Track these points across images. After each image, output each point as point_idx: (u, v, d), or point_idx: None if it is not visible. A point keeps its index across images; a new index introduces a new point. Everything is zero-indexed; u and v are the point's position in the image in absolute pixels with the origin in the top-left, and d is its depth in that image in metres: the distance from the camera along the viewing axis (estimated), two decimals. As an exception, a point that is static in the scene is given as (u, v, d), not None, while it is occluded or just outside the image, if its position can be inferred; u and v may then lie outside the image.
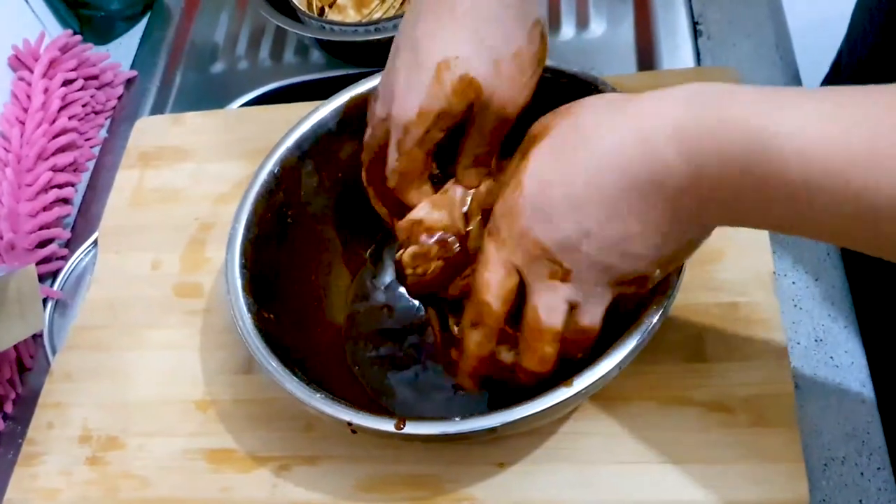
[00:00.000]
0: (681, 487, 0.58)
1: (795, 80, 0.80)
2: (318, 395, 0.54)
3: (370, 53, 0.89)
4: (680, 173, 0.44)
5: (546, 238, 0.48)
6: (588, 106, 0.49)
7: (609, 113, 0.47)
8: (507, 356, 0.55)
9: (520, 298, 0.52)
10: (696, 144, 0.43)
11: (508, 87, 0.55)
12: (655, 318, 0.52)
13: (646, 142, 0.45)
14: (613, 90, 0.61)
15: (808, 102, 0.41)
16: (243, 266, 0.61)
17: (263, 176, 0.65)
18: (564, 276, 0.49)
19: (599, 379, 0.51)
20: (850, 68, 0.85)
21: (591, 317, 0.51)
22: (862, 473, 0.59)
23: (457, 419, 0.52)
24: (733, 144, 0.42)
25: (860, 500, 0.58)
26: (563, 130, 0.49)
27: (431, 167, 0.59)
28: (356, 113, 0.67)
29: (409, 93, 0.56)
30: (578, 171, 0.47)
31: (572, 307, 0.51)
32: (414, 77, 0.55)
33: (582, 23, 0.91)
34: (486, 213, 0.56)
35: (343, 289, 0.72)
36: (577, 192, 0.47)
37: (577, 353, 0.53)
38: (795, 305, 0.66)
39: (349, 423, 0.53)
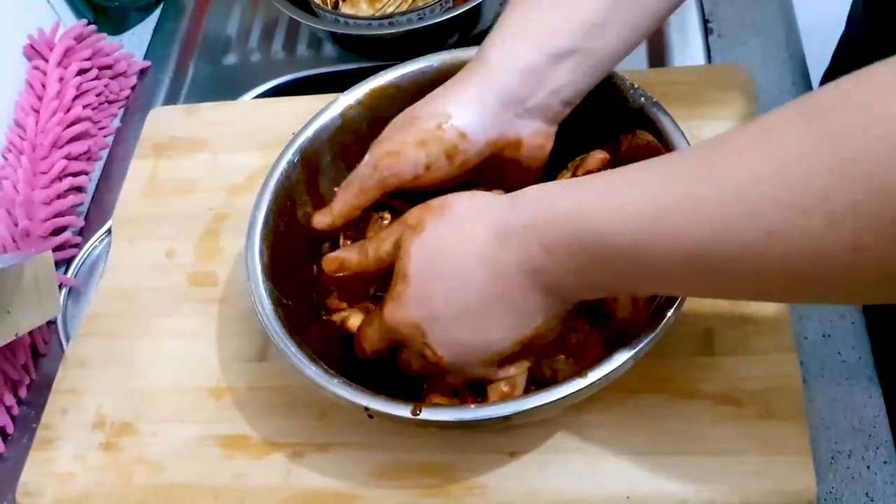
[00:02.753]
0: (689, 479, 0.59)
1: (804, 77, 0.81)
2: (336, 381, 0.55)
3: (383, 47, 0.90)
4: (539, 258, 0.49)
5: (426, 326, 0.53)
6: (454, 205, 0.54)
7: (472, 212, 0.53)
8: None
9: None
10: (548, 233, 0.49)
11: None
12: (670, 313, 0.53)
13: (508, 234, 0.50)
14: (632, 85, 0.62)
15: (637, 175, 0.47)
16: (263, 253, 0.62)
17: (283, 164, 0.66)
18: (436, 361, 0.54)
19: (614, 370, 0.52)
20: (850, 58, 0.85)
21: (453, 379, 0.57)
22: (868, 467, 0.60)
23: (472, 406, 0.53)
24: (575, 228, 0.47)
25: (867, 493, 0.59)
26: (436, 227, 0.54)
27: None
28: (376, 104, 0.68)
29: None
30: (453, 263, 0.52)
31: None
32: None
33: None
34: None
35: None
36: (454, 290, 0.52)
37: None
38: (804, 301, 0.67)
39: (366, 409, 0.54)
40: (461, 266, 0.52)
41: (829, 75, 0.90)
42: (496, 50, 0.60)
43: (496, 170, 0.63)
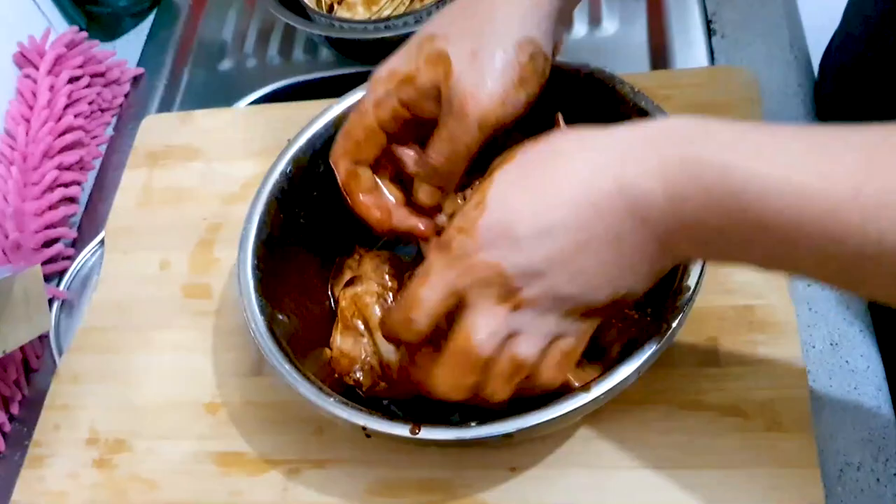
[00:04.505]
0: (694, 493, 0.58)
1: (810, 79, 0.79)
2: (332, 399, 0.54)
3: (380, 51, 0.88)
4: (662, 205, 0.43)
5: (508, 264, 0.46)
6: (559, 137, 0.48)
7: (582, 144, 0.46)
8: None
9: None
10: (678, 183, 0.42)
11: (476, 83, 0.53)
12: (675, 324, 0.52)
13: (623, 176, 0.44)
14: (632, 89, 0.61)
15: (791, 143, 0.41)
16: (256, 267, 0.61)
17: (276, 176, 0.65)
18: (518, 304, 0.47)
19: (618, 384, 0.51)
20: (842, 51, 0.84)
21: (530, 348, 0.49)
22: (878, 479, 0.59)
23: (472, 424, 0.52)
24: (715, 185, 0.41)
25: (876, 507, 0.58)
26: (534, 156, 0.47)
27: (381, 146, 0.58)
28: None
29: (391, 59, 0.57)
30: (548, 199, 0.45)
31: (510, 335, 0.48)
32: (402, 50, 0.57)
33: (594, 21, 0.90)
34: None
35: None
36: (547, 218, 0.45)
37: (498, 391, 0.50)
38: (810, 309, 0.66)
39: (364, 428, 0.53)
40: (553, 194, 0.45)
41: (828, 74, 0.89)
42: None
43: None
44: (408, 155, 0.59)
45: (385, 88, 0.56)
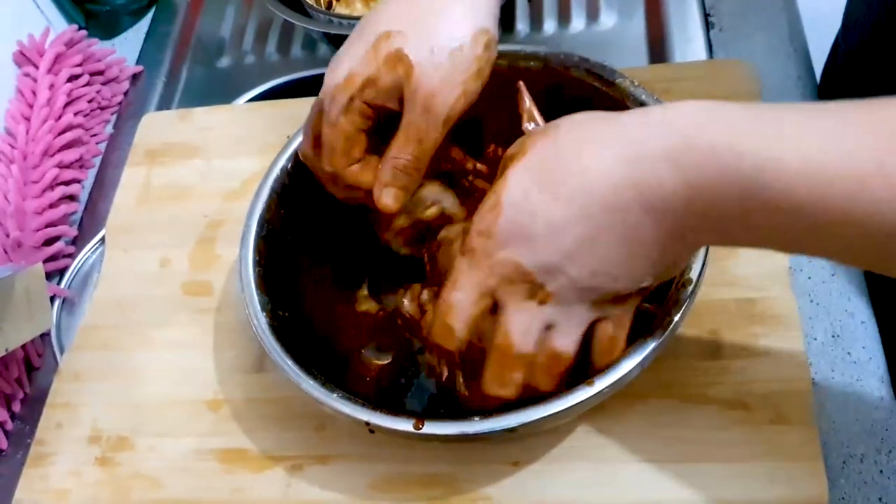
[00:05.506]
0: (697, 487, 0.58)
1: (809, 72, 0.79)
2: (336, 395, 0.54)
3: (378, 47, 0.88)
4: (675, 194, 0.43)
5: (527, 261, 0.47)
6: (567, 126, 0.48)
7: (590, 134, 0.46)
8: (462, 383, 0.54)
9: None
10: (692, 167, 0.42)
11: (439, 78, 0.54)
12: (677, 317, 0.51)
13: (635, 162, 0.43)
14: (632, 83, 0.61)
15: (808, 121, 0.40)
16: (257, 263, 0.61)
17: (276, 172, 0.65)
18: (544, 299, 0.47)
19: (621, 378, 0.50)
20: (847, 55, 0.84)
21: (566, 339, 0.49)
22: (881, 471, 0.59)
23: (476, 419, 0.52)
24: (730, 168, 0.41)
25: (880, 498, 0.58)
26: (543, 150, 0.47)
27: (365, 143, 0.58)
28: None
29: (345, 60, 0.56)
30: (560, 192, 0.45)
31: (547, 328, 0.49)
32: (354, 48, 0.56)
33: (592, 15, 0.90)
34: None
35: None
36: (559, 214, 0.45)
37: (545, 383, 0.51)
38: (812, 301, 0.66)
39: (367, 423, 0.52)
40: (571, 188, 0.45)
41: (830, 72, 0.89)
42: None
43: None
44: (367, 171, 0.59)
45: (348, 95, 0.55)
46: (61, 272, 0.83)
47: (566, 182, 0.45)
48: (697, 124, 0.42)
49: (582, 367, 0.52)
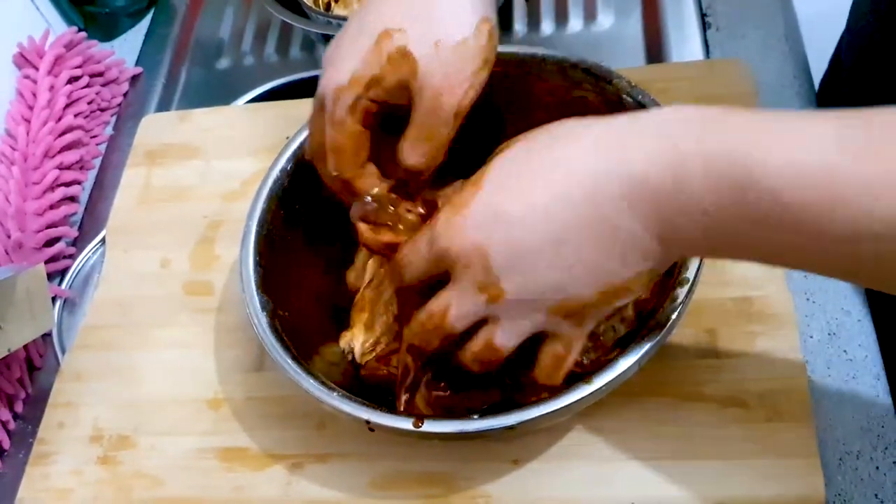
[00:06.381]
0: (695, 484, 0.58)
1: (805, 72, 0.80)
2: (336, 394, 0.54)
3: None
4: (656, 192, 0.42)
5: (490, 245, 0.46)
6: (559, 125, 0.47)
7: (581, 132, 0.46)
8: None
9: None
10: (678, 168, 0.41)
11: (445, 74, 0.53)
12: (674, 316, 0.52)
13: (621, 162, 0.43)
14: (629, 83, 0.61)
15: (809, 128, 0.40)
16: (257, 263, 0.61)
17: (276, 173, 0.65)
18: (495, 297, 0.47)
19: (618, 376, 0.51)
20: (850, 61, 0.84)
21: (506, 338, 0.49)
22: (877, 468, 0.59)
23: (475, 417, 0.52)
24: (713, 170, 0.40)
25: (876, 495, 0.58)
26: (533, 143, 0.47)
27: (369, 143, 0.57)
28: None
29: (346, 59, 0.55)
30: (539, 184, 0.45)
31: (487, 320, 0.49)
32: (355, 45, 0.55)
33: (590, 15, 0.90)
34: None
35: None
36: (533, 205, 0.45)
37: (474, 365, 0.51)
38: (808, 299, 0.66)
39: (367, 422, 0.53)
40: (551, 174, 0.44)
41: (833, 73, 0.89)
42: None
43: None
44: (371, 176, 0.59)
45: (353, 94, 0.54)
46: (62, 273, 0.83)
47: (549, 172, 0.45)
48: (687, 127, 0.42)
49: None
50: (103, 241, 0.83)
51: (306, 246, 0.67)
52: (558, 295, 0.46)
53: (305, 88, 0.94)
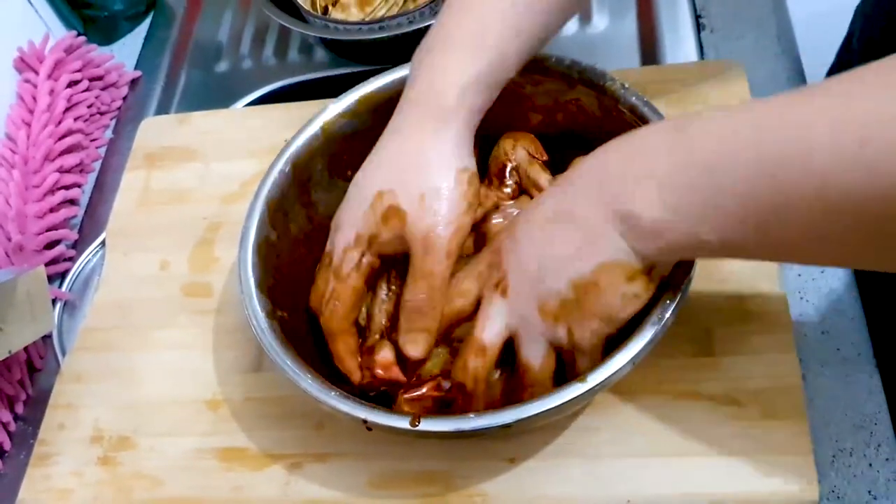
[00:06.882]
0: (690, 481, 0.58)
1: (798, 72, 0.80)
2: (334, 393, 0.55)
3: (374, 51, 0.90)
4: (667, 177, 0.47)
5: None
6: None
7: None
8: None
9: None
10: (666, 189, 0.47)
11: (432, 221, 0.58)
12: (669, 313, 0.52)
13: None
14: (623, 85, 0.62)
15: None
16: (256, 264, 0.62)
17: (274, 175, 0.65)
18: (503, 289, 0.54)
19: (613, 374, 0.51)
20: (859, 52, 0.84)
21: (490, 333, 0.56)
22: (871, 464, 0.59)
23: (471, 416, 0.53)
24: (700, 180, 0.45)
25: (869, 491, 0.58)
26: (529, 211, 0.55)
27: (360, 309, 0.63)
28: (366, 110, 0.68)
29: (349, 223, 0.61)
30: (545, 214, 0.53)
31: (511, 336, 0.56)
32: (354, 210, 0.61)
33: (585, 17, 0.91)
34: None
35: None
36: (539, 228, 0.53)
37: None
38: (802, 298, 0.67)
39: (365, 421, 0.53)
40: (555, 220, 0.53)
41: (838, 69, 0.89)
42: (453, 90, 0.58)
43: None
44: (378, 319, 0.64)
45: (358, 252, 0.61)
46: (62, 275, 0.84)
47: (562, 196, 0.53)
48: (660, 150, 0.48)
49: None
50: (103, 243, 0.83)
51: (304, 247, 0.67)
52: (538, 284, 0.53)
53: (303, 91, 0.95)
